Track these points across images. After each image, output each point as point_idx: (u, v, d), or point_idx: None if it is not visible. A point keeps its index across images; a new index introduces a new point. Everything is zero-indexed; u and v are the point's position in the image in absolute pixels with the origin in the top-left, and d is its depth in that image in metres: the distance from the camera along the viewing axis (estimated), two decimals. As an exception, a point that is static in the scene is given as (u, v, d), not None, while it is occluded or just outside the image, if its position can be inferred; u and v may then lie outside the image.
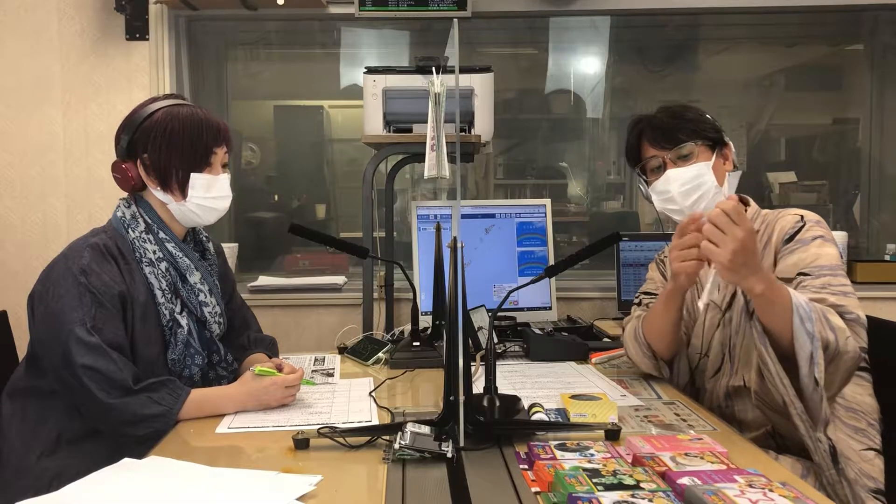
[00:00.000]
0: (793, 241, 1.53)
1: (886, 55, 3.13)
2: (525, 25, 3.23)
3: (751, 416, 1.56)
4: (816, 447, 1.37)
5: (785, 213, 1.60)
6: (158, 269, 1.54)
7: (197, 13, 2.79)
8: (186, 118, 1.55)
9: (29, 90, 2.78)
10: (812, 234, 1.52)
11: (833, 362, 1.36)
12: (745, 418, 1.57)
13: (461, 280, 1.23)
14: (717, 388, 1.62)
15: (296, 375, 1.53)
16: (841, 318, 1.38)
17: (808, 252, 1.50)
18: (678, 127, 1.61)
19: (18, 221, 2.80)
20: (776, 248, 1.55)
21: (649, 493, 0.97)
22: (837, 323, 1.37)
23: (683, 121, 1.62)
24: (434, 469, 1.15)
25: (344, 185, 3.42)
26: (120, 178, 1.58)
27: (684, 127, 1.61)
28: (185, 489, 1.09)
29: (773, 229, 1.58)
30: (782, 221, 1.57)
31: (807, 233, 1.52)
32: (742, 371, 1.56)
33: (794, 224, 1.55)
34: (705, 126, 1.63)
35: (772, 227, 1.59)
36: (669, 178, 1.60)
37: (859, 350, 1.39)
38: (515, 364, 1.87)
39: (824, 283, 1.44)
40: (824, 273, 1.46)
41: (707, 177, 1.58)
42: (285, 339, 2.65)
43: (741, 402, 1.58)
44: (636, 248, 2.62)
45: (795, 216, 1.56)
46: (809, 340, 1.33)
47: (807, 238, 1.52)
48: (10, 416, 1.53)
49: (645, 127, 1.66)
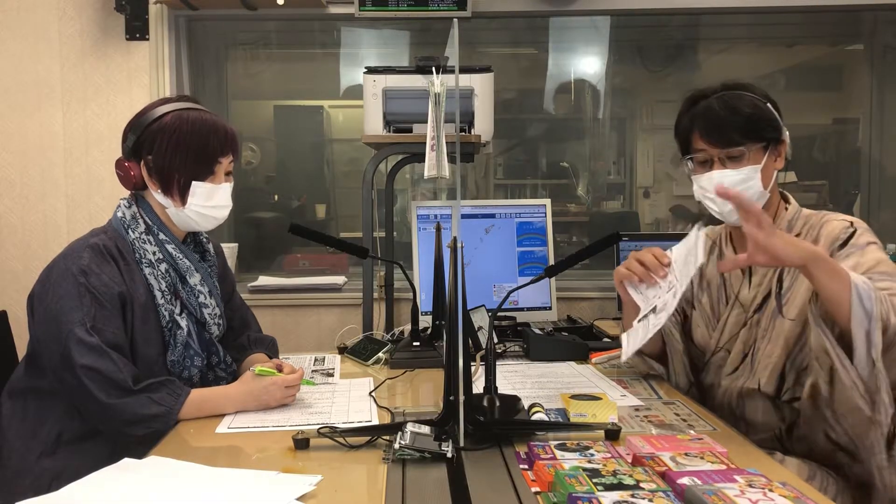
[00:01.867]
0: (847, 245, 1.46)
1: (886, 55, 3.13)
2: (525, 25, 3.23)
3: (761, 418, 1.55)
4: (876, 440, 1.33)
5: (830, 217, 1.53)
6: (158, 271, 1.54)
7: (197, 13, 2.79)
8: (195, 124, 1.54)
9: (29, 90, 2.78)
10: (866, 240, 1.46)
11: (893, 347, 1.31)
12: (756, 420, 1.56)
13: (461, 280, 1.23)
14: (733, 387, 1.60)
15: (296, 375, 1.53)
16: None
17: (866, 257, 1.43)
18: (734, 125, 1.51)
19: (18, 221, 2.81)
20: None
21: (649, 493, 0.97)
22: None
23: (741, 117, 1.50)
24: (434, 469, 1.15)
25: (344, 185, 3.43)
26: (122, 175, 1.57)
27: (741, 125, 1.51)
28: (185, 489, 1.09)
29: (817, 234, 1.51)
30: (829, 227, 1.50)
31: (860, 238, 1.46)
32: (759, 374, 1.54)
33: (844, 229, 1.48)
34: (763, 123, 1.52)
35: (816, 230, 1.52)
36: (714, 179, 1.52)
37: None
38: (515, 364, 1.87)
39: (884, 288, 1.36)
40: (885, 279, 1.38)
41: (753, 182, 1.51)
42: (285, 339, 2.65)
43: (752, 404, 1.57)
44: (636, 248, 2.61)
45: (844, 222, 1.50)
46: (867, 318, 1.28)
47: (861, 243, 1.45)
48: (10, 416, 1.53)
49: (699, 115, 1.55)
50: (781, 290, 1.53)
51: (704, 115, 1.53)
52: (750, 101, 1.52)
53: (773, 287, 1.54)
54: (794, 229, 1.56)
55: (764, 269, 1.57)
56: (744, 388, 1.57)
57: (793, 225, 1.57)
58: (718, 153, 1.53)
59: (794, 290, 1.51)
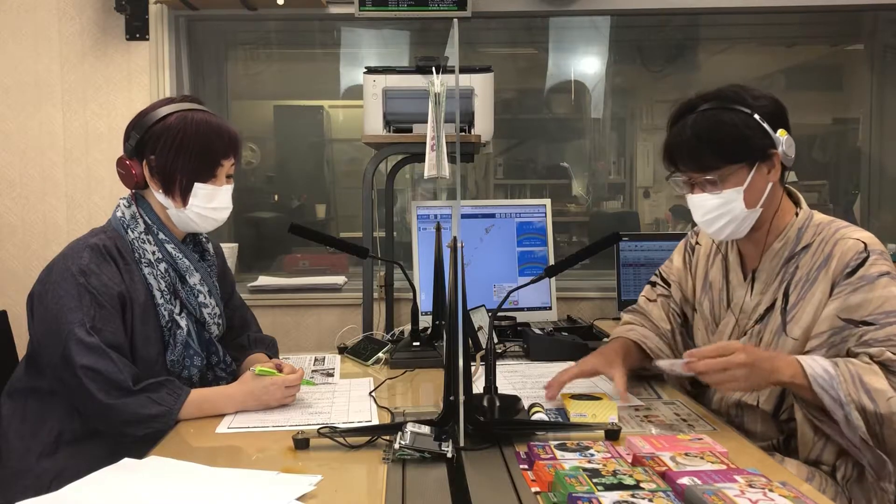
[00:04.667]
0: (855, 275, 1.40)
1: (886, 55, 3.13)
2: (525, 25, 3.23)
3: (760, 428, 1.52)
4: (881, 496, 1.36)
5: (845, 233, 1.46)
6: (158, 270, 1.54)
7: (197, 13, 2.79)
8: (199, 126, 1.54)
9: (29, 90, 2.78)
10: (878, 271, 1.40)
11: (882, 425, 1.31)
12: (754, 430, 1.53)
13: (461, 280, 1.23)
14: (729, 395, 1.55)
15: (296, 375, 1.53)
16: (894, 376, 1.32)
17: (874, 294, 1.38)
18: (709, 149, 1.45)
19: (18, 221, 2.80)
20: (834, 278, 1.43)
21: (649, 493, 0.97)
22: (877, 385, 1.31)
23: (714, 141, 1.44)
24: (434, 469, 1.15)
25: (344, 185, 3.43)
26: (124, 174, 1.57)
27: (715, 150, 1.45)
28: (185, 489, 1.09)
29: (830, 251, 1.45)
30: (843, 246, 1.44)
31: (871, 267, 1.40)
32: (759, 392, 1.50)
33: (856, 255, 1.42)
34: (742, 143, 1.44)
35: (829, 246, 1.46)
36: (694, 203, 1.51)
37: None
38: (515, 364, 1.87)
39: (888, 335, 1.35)
40: (891, 321, 1.36)
41: (734, 204, 1.46)
42: (285, 339, 2.65)
43: (751, 415, 1.54)
44: (636, 248, 2.62)
45: (858, 244, 1.43)
46: (839, 406, 1.31)
47: (872, 275, 1.39)
48: (10, 416, 1.53)
49: (674, 138, 1.50)
50: (787, 306, 1.49)
51: (680, 139, 1.48)
52: (729, 119, 1.44)
53: (779, 301, 1.50)
54: (802, 240, 1.50)
55: (767, 279, 1.53)
56: (742, 400, 1.54)
57: (802, 235, 1.50)
58: (697, 177, 1.49)
59: (801, 308, 1.46)
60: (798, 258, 1.50)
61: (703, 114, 1.47)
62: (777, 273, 1.51)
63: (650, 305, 1.76)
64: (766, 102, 1.48)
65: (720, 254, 1.66)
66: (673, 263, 1.77)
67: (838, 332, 1.40)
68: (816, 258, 1.47)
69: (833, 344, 1.41)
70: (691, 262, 1.72)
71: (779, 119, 1.48)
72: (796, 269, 1.49)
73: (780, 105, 1.50)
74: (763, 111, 1.46)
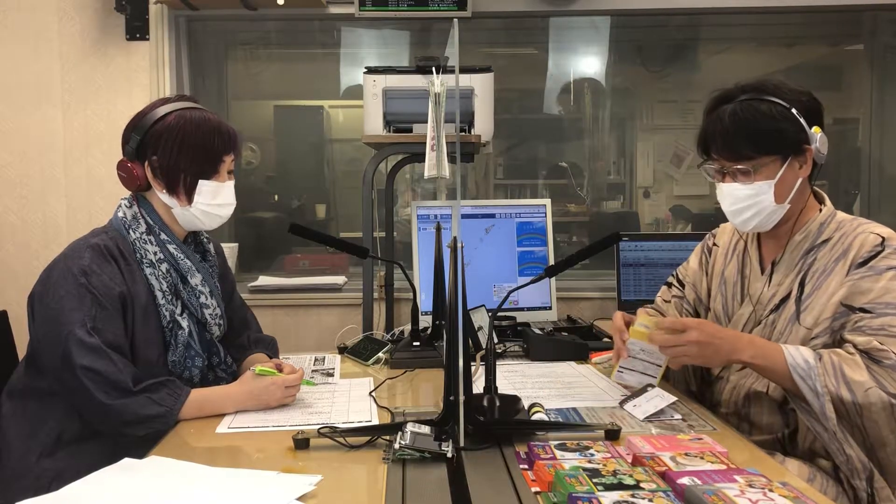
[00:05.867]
0: (865, 265, 1.42)
1: (886, 55, 3.13)
2: (525, 25, 3.23)
3: (766, 420, 1.54)
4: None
5: (867, 228, 1.48)
6: (159, 271, 1.54)
7: (197, 13, 2.79)
8: (199, 123, 1.55)
9: (29, 90, 2.78)
10: (887, 264, 1.41)
11: (862, 416, 1.34)
12: (760, 422, 1.55)
13: (461, 280, 1.23)
14: (741, 385, 1.57)
15: (296, 375, 1.53)
16: (877, 365, 1.33)
17: (878, 284, 1.40)
18: (745, 138, 1.45)
19: (18, 221, 2.80)
20: (848, 268, 1.45)
21: (649, 493, 0.97)
22: (857, 377, 1.33)
23: (751, 131, 1.45)
24: (434, 469, 1.15)
25: (344, 185, 3.43)
26: (125, 176, 1.57)
27: (753, 139, 1.45)
28: (185, 489, 1.09)
29: (850, 243, 1.47)
30: (862, 238, 1.46)
31: (882, 260, 1.42)
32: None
33: (872, 247, 1.44)
34: (779, 135, 1.45)
35: (849, 239, 1.48)
36: (723, 192, 1.52)
37: (889, 398, 1.32)
38: (515, 364, 1.87)
39: (883, 325, 1.37)
40: (888, 312, 1.37)
41: (765, 196, 1.47)
42: (285, 339, 2.64)
43: (758, 405, 1.55)
44: (636, 248, 2.62)
45: (877, 237, 1.45)
46: (816, 397, 1.34)
47: (880, 267, 1.41)
48: (10, 416, 1.53)
49: (712, 125, 1.50)
50: (802, 296, 1.50)
51: (717, 127, 1.49)
52: (768, 110, 1.45)
53: (794, 290, 1.51)
54: (823, 234, 1.51)
55: (786, 270, 1.54)
56: (752, 388, 1.55)
57: (823, 230, 1.52)
58: (729, 166, 1.50)
59: (815, 298, 1.48)
60: (817, 251, 1.51)
61: (742, 103, 1.47)
62: (796, 264, 1.53)
63: (665, 306, 1.82)
64: (804, 97, 1.49)
65: (737, 252, 1.67)
66: (689, 265, 1.80)
67: (838, 318, 1.43)
68: (835, 251, 1.49)
69: (834, 330, 1.44)
70: (708, 264, 1.75)
71: (815, 115, 1.50)
72: (814, 260, 1.51)
73: (817, 102, 1.51)
74: (801, 105, 1.47)
